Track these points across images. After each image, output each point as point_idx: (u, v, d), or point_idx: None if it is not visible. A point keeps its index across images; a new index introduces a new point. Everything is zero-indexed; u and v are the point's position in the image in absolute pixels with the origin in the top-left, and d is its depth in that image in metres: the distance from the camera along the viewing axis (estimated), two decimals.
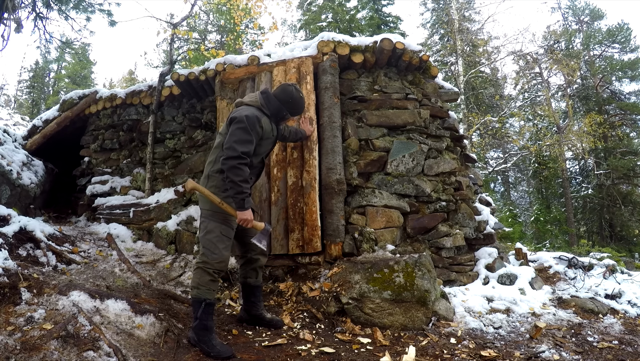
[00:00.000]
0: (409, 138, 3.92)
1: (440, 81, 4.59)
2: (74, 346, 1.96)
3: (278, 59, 3.99)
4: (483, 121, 15.04)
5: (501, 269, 4.00)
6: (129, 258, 3.89)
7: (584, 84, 18.68)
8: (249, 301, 2.80)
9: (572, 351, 2.55)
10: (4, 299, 2.21)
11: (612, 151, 16.60)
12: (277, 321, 2.83)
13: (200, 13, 15.31)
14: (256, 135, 2.48)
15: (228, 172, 2.36)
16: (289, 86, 2.74)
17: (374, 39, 3.93)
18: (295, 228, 3.48)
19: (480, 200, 4.85)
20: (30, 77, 28.11)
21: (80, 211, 5.33)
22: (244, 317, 2.86)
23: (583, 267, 4.66)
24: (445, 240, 3.72)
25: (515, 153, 16.76)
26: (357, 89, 4.02)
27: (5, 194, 4.61)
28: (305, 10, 18.69)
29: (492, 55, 16.65)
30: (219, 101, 4.19)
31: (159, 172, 4.98)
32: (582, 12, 19.74)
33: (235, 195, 2.38)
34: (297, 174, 3.59)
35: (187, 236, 4.08)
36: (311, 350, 2.38)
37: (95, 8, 6.30)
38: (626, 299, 3.84)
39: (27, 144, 5.70)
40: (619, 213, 15.68)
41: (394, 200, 3.71)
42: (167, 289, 3.30)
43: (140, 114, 5.32)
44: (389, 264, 2.97)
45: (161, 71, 5.04)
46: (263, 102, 2.63)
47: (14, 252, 2.98)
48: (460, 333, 2.76)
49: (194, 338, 2.37)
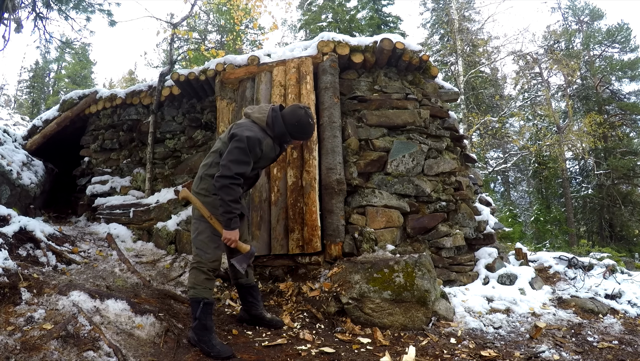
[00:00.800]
0: (409, 138, 3.92)
1: (440, 81, 4.59)
2: (74, 346, 1.96)
3: (278, 58, 3.99)
4: (483, 121, 15.04)
5: (501, 269, 4.00)
6: (129, 258, 3.89)
7: (583, 84, 18.69)
8: (247, 301, 2.81)
9: (572, 351, 2.55)
10: (4, 299, 2.21)
11: (612, 151, 16.61)
12: (277, 321, 2.83)
13: (200, 13, 15.31)
14: (254, 156, 2.44)
15: (219, 191, 2.35)
16: (300, 109, 2.57)
17: (374, 39, 3.93)
18: (295, 228, 3.48)
19: (480, 200, 4.86)
20: (30, 77, 28.11)
21: (80, 211, 5.33)
22: (245, 317, 2.86)
23: (583, 267, 4.66)
24: (445, 240, 3.72)
25: (515, 153, 16.76)
26: (357, 89, 4.02)
27: (5, 194, 4.61)
28: (305, 10, 18.69)
29: (492, 55, 16.65)
30: (219, 101, 4.19)
31: (159, 172, 4.98)
32: (582, 12, 19.75)
33: (223, 213, 2.37)
34: (297, 174, 3.60)
35: (187, 236, 4.08)
36: (311, 350, 2.38)
37: (95, 8, 6.30)
38: (626, 299, 3.84)
39: (27, 144, 5.70)
40: (619, 213, 15.69)
41: (394, 200, 3.71)
42: (167, 289, 3.30)
43: (140, 114, 5.32)
44: (389, 264, 2.97)
45: (161, 71, 5.04)
46: (270, 121, 2.53)
47: (14, 252, 2.98)
48: (460, 333, 2.76)
49: (194, 338, 2.37)
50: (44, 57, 24.37)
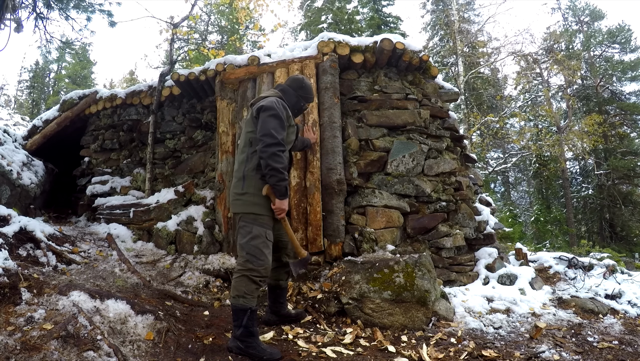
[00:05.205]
0: (409, 139, 3.92)
1: (440, 81, 4.59)
2: (74, 346, 1.96)
3: (278, 59, 3.99)
4: (483, 121, 15.04)
5: (501, 269, 4.00)
6: (129, 258, 3.89)
7: (584, 84, 18.69)
8: (278, 302, 2.78)
9: (572, 352, 2.55)
10: (4, 299, 2.21)
11: (613, 151, 16.62)
12: (301, 312, 2.90)
13: (201, 14, 15.33)
14: (286, 120, 2.44)
15: (269, 159, 2.26)
16: (297, 76, 2.79)
17: (374, 39, 3.93)
18: (299, 228, 3.51)
19: (480, 200, 4.85)
20: (31, 77, 28.13)
21: (80, 211, 5.33)
22: (272, 319, 2.80)
23: (583, 267, 4.65)
24: (445, 240, 3.72)
25: (515, 154, 16.76)
26: (357, 89, 4.02)
27: (5, 194, 4.61)
28: (306, 11, 18.70)
29: (492, 55, 16.65)
30: (219, 101, 4.19)
31: (159, 172, 4.98)
32: (583, 12, 19.76)
33: (277, 182, 2.27)
34: (301, 175, 3.61)
35: (187, 236, 4.08)
36: (311, 350, 2.38)
37: (95, 8, 6.31)
38: (626, 299, 3.84)
39: (27, 144, 5.70)
40: (620, 214, 15.69)
41: (394, 200, 3.71)
42: (167, 289, 3.30)
43: (141, 114, 5.33)
44: (389, 264, 2.97)
45: (161, 71, 5.04)
46: (281, 94, 2.63)
47: (14, 252, 2.98)
48: (461, 333, 2.76)
49: (238, 347, 2.24)
50: (45, 57, 24.41)
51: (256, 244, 2.33)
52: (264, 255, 2.34)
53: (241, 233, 2.39)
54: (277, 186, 2.29)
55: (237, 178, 2.46)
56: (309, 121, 3.66)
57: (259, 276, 2.32)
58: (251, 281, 2.30)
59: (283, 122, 2.38)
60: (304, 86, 2.73)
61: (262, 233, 2.35)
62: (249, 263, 2.32)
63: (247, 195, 2.38)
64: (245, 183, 2.40)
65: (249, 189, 2.38)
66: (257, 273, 2.31)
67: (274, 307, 2.81)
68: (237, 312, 2.28)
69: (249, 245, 2.34)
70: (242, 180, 2.41)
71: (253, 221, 2.36)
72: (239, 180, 2.44)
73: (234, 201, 2.46)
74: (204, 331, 2.57)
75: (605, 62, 18.60)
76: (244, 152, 2.48)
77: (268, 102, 2.40)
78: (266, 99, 2.47)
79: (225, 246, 3.91)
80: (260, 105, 2.41)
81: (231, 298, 2.34)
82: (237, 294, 2.29)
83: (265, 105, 2.39)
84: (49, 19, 5.96)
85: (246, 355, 2.23)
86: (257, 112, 2.41)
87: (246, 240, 2.35)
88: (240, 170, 2.45)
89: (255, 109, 2.44)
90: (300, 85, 2.72)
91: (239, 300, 2.28)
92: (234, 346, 2.27)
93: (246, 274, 2.30)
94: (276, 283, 2.74)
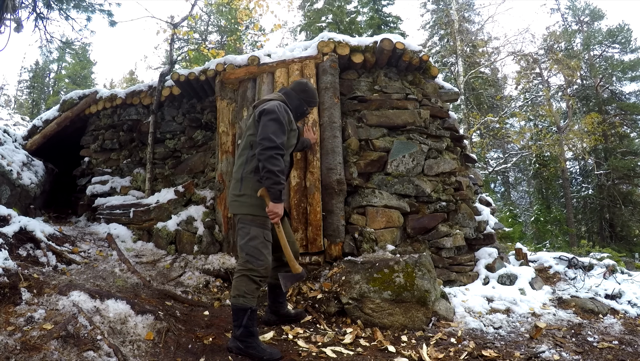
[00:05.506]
0: (409, 139, 3.92)
1: (440, 81, 4.59)
2: (74, 346, 1.96)
3: (278, 59, 3.99)
4: (483, 121, 15.03)
5: (501, 269, 4.00)
6: (129, 258, 3.89)
7: (584, 84, 18.69)
8: (278, 302, 2.79)
9: (572, 352, 2.55)
10: (4, 299, 2.21)
11: (613, 151, 16.62)
12: (301, 312, 2.90)
13: (201, 14, 15.32)
14: (287, 124, 2.45)
15: (265, 162, 2.28)
16: (301, 80, 2.81)
17: (374, 39, 3.93)
18: (299, 228, 3.51)
19: (480, 200, 4.85)
20: (31, 77, 28.12)
21: (80, 211, 5.33)
22: (271, 319, 2.81)
23: (583, 267, 4.65)
24: (445, 240, 3.72)
25: (515, 154, 16.76)
26: (357, 89, 4.02)
27: (5, 194, 4.61)
28: (305, 12, 18.70)
29: (492, 55, 16.65)
30: (219, 101, 4.19)
31: (159, 172, 4.98)
32: (582, 12, 19.75)
33: (272, 185, 2.28)
34: (301, 175, 3.61)
35: (187, 236, 4.08)
36: (311, 350, 2.38)
37: (95, 8, 6.31)
38: (626, 299, 3.84)
39: (27, 144, 5.70)
40: (620, 214, 15.70)
41: (394, 200, 3.71)
42: (167, 289, 3.30)
43: (141, 114, 5.33)
44: (389, 264, 2.97)
45: (161, 71, 5.04)
46: (284, 97, 2.64)
47: (14, 252, 2.98)
48: (461, 333, 2.76)
49: (238, 347, 2.26)
50: (45, 57, 24.41)
51: (254, 245, 2.36)
52: (263, 255, 2.37)
53: (240, 235, 2.43)
54: (272, 189, 2.31)
55: (235, 179, 2.50)
56: (309, 121, 3.66)
57: (259, 276, 2.34)
58: (251, 281, 2.33)
59: (284, 126, 2.40)
60: (307, 90, 2.74)
61: (259, 234, 2.38)
62: (248, 263, 2.35)
63: (245, 197, 2.42)
64: (243, 184, 2.43)
65: (246, 191, 2.42)
66: (257, 273, 2.34)
67: (274, 307, 2.81)
68: (237, 312, 2.31)
69: (248, 245, 2.37)
70: (240, 181, 2.45)
71: (251, 222, 2.40)
72: (238, 181, 2.47)
73: (232, 202, 2.49)
74: (204, 331, 2.57)
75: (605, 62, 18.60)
76: (244, 154, 2.51)
77: (270, 106, 2.43)
78: (269, 103, 2.49)
79: (225, 246, 3.91)
80: (262, 109, 2.44)
81: (231, 297, 2.36)
82: (238, 293, 2.32)
83: (267, 109, 2.41)
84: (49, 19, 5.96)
85: (246, 355, 2.24)
86: (259, 115, 2.44)
87: (245, 241, 2.39)
88: (239, 171, 2.48)
89: (258, 112, 2.46)
90: (303, 89, 2.73)
91: (239, 299, 2.31)
92: (234, 346, 2.28)
93: (246, 274, 2.34)
94: (276, 282, 2.73)
